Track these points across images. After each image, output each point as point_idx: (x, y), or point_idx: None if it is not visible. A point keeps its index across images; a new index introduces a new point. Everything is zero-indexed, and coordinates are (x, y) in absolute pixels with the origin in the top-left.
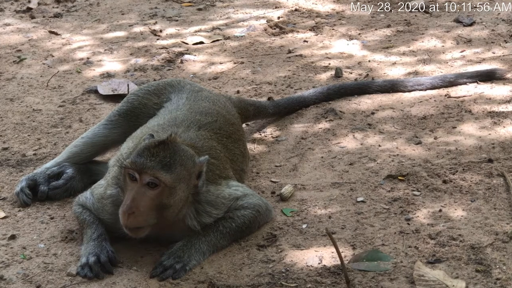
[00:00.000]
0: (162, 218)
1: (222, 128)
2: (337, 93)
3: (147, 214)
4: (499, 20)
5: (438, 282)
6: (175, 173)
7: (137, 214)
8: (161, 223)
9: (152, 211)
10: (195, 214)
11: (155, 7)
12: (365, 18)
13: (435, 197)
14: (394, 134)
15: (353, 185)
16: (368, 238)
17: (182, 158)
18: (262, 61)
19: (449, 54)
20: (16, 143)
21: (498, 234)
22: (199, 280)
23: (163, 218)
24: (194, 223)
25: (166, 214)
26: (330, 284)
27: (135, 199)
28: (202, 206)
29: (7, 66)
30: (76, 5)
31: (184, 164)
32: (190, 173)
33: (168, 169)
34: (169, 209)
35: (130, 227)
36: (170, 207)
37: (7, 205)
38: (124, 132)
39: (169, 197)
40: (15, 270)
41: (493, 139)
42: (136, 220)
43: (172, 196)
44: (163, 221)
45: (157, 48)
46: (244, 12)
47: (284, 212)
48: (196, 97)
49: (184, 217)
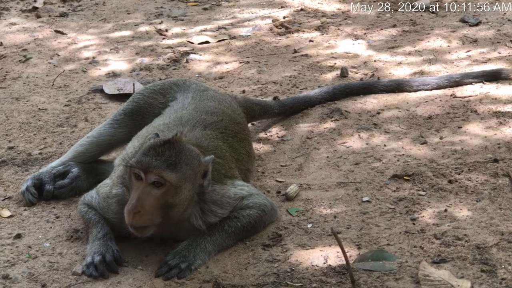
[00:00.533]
0: (167, 217)
1: (227, 128)
2: (342, 92)
3: (152, 213)
4: (505, 20)
5: (443, 282)
6: (181, 172)
7: (143, 213)
8: (166, 222)
9: (157, 210)
10: (200, 213)
11: (160, 6)
12: (370, 18)
13: (440, 197)
14: (400, 134)
15: (359, 185)
16: (374, 238)
17: (187, 157)
18: (267, 60)
19: (455, 54)
20: (21, 142)
21: (503, 234)
22: (204, 280)
23: (169, 217)
24: (200, 223)
25: (171, 213)
26: (335, 284)
27: (140, 198)
28: (207, 206)
29: (13, 66)
30: (82, 4)
31: (190, 163)
32: (196, 172)
33: (173, 168)
34: (174, 208)
35: (135, 226)
36: (176, 206)
37: (13, 204)
38: (130, 131)
39: (174, 196)
40: (20, 269)
41: (499, 139)
42: (142, 219)
43: (178, 195)
44: (169, 220)
45: (162, 48)
46: (249, 11)
47: (290, 212)
48: (202, 96)
49: (190, 217)
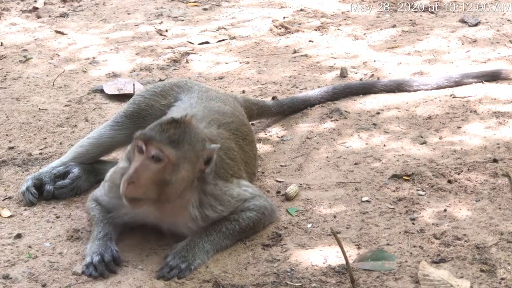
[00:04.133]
0: (163, 196)
1: (238, 130)
2: (342, 92)
3: (147, 186)
4: (504, 20)
5: (442, 281)
6: (181, 151)
7: (137, 185)
8: (162, 202)
9: (153, 185)
10: (198, 203)
11: (160, 7)
12: (370, 18)
13: (440, 197)
14: (399, 134)
15: (358, 185)
16: (373, 238)
17: (191, 138)
18: (267, 61)
19: (454, 54)
20: (22, 142)
21: (503, 234)
22: (204, 279)
23: (164, 195)
24: (196, 213)
25: (167, 192)
26: (335, 284)
27: (137, 170)
28: (207, 198)
29: (13, 66)
30: (82, 4)
31: (193, 145)
32: (198, 156)
33: (175, 145)
34: (170, 187)
35: (128, 197)
36: (172, 184)
37: (13, 204)
38: (131, 133)
39: (171, 173)
40: (20, 269)
41: (498, 139)
42: (136, 191)
43: (175, 174)
44: (165, 200)
45: (162, 48)
46: (249, 12)
47: (289, 212)
48: (207, 96)
49: (187, 204)
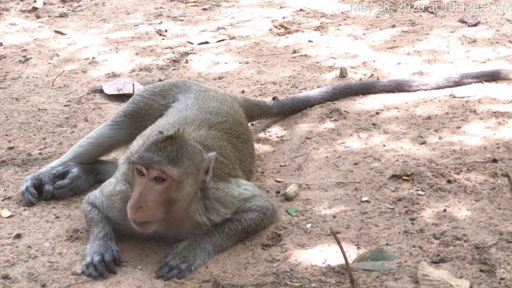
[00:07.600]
0: (170, 213)
1: (232, 128)
2: (342, 93)
3: (155, 208)
4: (503, 20)
5: (442, 281)
6: (183, 168)
7: (145, 209)
8: (169, 218)
9: (160, 206)
10: (204, 210)
11: (160, 7)
12: (370, 18)
13: (439, 197)
14: (399, 134)
15: (358, 185)
16: (373, 238)
17: (189, 152)
18: (267, 61)
19: (454, 54)
20: (21, 142)
21: (502, 234)
22: (203, 279)
23: (171, 212)
24: (204, 219)
25: (174, 209)
26: (335, 284)
27: (142, 193)
28: (211, 203)
29: (12, 66)
30: (82, 4)
31: (192, 159)
32: (198, 168)
33: (175, 163)
34: (177, 204)
35: (138, 222)
36: (178, 201)
37: (13, 204)
38: (130, 133)
39: (176, 191)
40: (20, 269)
41: (498, 139)
42: (144, 215)
43: (180, 191)
44: (172, 216)
45: (162, 48)
46: (249, 12)
47: (289, 212)
48: (204, 96)
49: (194, 214)
